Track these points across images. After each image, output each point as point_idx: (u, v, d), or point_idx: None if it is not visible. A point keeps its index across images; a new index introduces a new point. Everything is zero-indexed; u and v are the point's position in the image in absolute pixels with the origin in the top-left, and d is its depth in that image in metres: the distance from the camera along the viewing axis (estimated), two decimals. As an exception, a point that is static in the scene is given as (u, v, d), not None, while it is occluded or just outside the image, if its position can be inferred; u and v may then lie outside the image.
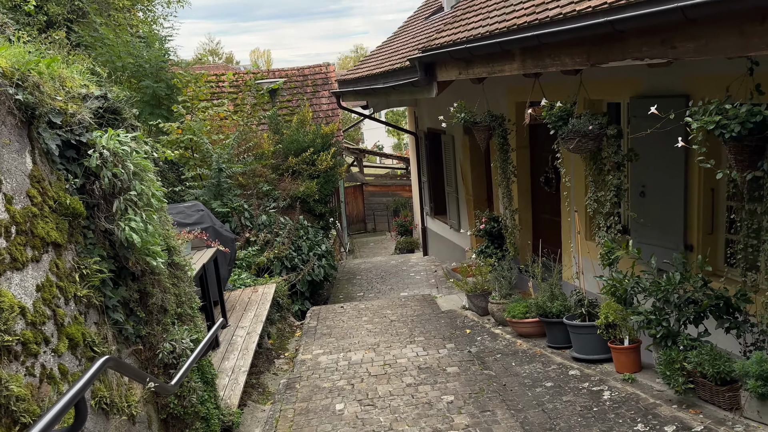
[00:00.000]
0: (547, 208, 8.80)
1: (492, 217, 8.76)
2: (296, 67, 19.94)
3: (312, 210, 11.26)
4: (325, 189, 11.22)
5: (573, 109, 5.56)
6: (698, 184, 5.87)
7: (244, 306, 7.55)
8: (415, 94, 8.61)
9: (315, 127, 11.93)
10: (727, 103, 3.87)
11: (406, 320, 7.70)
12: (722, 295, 4.31)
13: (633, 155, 5.54)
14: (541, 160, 8.72)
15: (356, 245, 19.35)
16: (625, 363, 5.02)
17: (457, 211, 11.43)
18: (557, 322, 5.89)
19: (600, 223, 5.82)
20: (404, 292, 10.40)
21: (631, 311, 4.66)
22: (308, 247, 9.90)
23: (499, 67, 6.17)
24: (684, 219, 6.04)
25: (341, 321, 8.00)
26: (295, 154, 11.46)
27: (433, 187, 12.81)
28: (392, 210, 20.20)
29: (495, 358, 5.99)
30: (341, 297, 10.58)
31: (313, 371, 6.17)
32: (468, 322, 7.39)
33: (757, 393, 3.67)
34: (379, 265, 13.10)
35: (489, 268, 7.67)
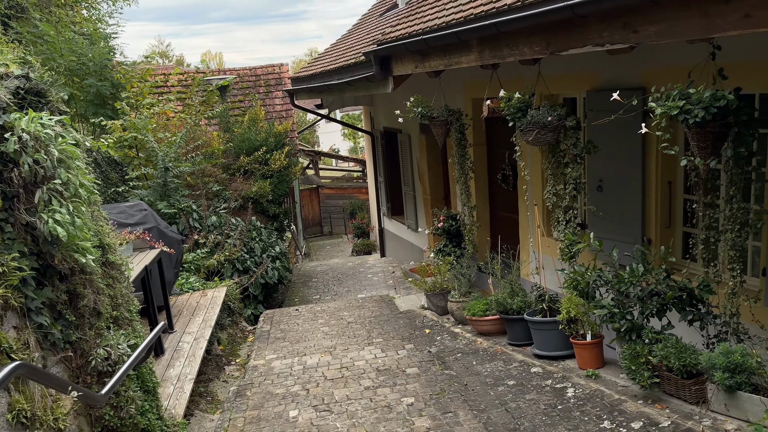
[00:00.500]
0: (504, 205, 8.72)
1: (450, 215, 8.62)
2: (248, 67, 19.49)
3: (265, 211, 10.91)
4: (278, 189, 10.89)
5: (531, 101, 5.45)
6: (655, 178, 5.85)
7: (192, 311, 7.17)
8: (371, 89, 8.40)
9: (268, 125, 11.59)
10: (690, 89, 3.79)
11: (363, 322, 7.46)
12: (686, 287, 4.23)
13: (591, 147, 5.46)
14: (498, 157, 8.64)
15: (312, 248, 19.01)
16: (587, 359, 4.91)
17: (415, 211, 11.27)
18: (518, 318, 5.75)
19: (559, 217, 5.72)
20: (362, 294, 10.16)
21: (593, 305, 4.54)
22: (261, 248, 9.56)
23: (456, 58, 6.02)
24: (642, 213, 6.01)
25: (296, 324, 7.70)
26: (247, 153, 11.09)
27: (389, 187, 12.63)
28: (349, 212, 19.94)
29: (455, 357, 5.81)
30: (297, 300, 10.26)
31: (265, 377, 5.85)
32: (427, 322, 7.20)
33: (725, 385, 3.58)
34: (335, 267, 12.83)
35: (448, 266, 7.51)
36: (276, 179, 10.96)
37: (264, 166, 11.08)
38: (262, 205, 10.78)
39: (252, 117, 11.75)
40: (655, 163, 5.81)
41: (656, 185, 5.83)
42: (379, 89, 8.12)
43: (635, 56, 5.73)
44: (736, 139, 3.80)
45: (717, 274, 4.31)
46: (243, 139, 11.17)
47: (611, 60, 6.02)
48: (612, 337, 4.99)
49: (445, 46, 6.05)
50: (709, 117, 3.64)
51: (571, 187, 5.51)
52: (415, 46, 6.45)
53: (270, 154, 11.08)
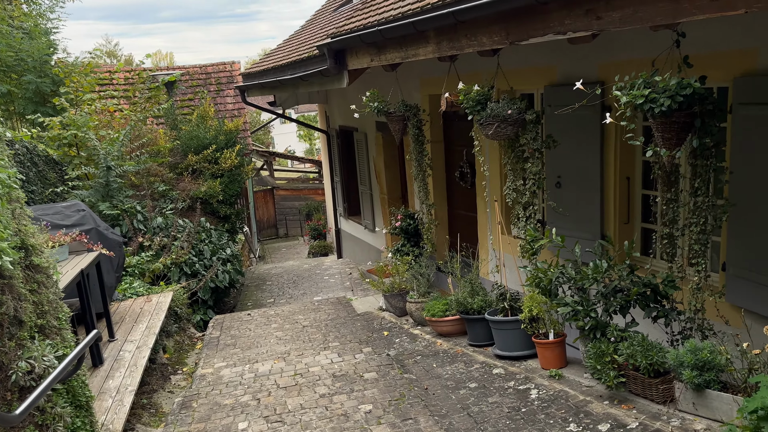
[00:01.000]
0: (462, 203, 8.57)
1: (408, 214, 8.43)
2: (199, 65, 18.89)
3: (215, 212, 10.49)
4: (229, 189, 10.48)
5: (491, 94, 5.29)
6: (614, 173, 5.78)
7: (135, 317, 6.75)
8: (325, 84, 8.13)
9: (218, 123, 11.17)
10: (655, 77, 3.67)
11: (319, 325, 7.18)
12: (650, 283, 4.12)
13: (551, 142, 5.34)
14: (456, 155, 8.49)
15: (267, 251, 18.56)
16: (550, 358, 4.77)
17: (372, 211, 11.05)
18: (479, 318, 5.58)
19: (519, 214, 5.58)
20: (318, 296, 9.86)
21: (556, 303, 4.40)
22: (211, 251, 9.15)
23: (413, 50, 5.82)
24: (600, 209, 5.93)
25: (248, 330, 7.36)
26: (196, 152, 10.65)
27: (346, 187, 12.37)
28: (305, 214, 19.57)
29: (415, 360, 5.59)
30: (249, 304, 9.89)
31: (213, 387, 5.51)
32: (386, 324, 6.97)
33: (693, 384, 3.47)
34: (290, 269, 12.48)
35: (406, 266, 7.30)
36: (227, 179, 10.55)
37: (214, 165, 10.66)
38: (212, 205, 10.36)
39: (201, 114, 11.30)
40: (613, 159, 5.74)
41: (615, 181, 5.76)
42: (333, 84, 7.86)
43: (593, 50, 5.65)
44: (701, 130, 3.70)
45: (681, 269, 4.22)
46: (191, 137, 10.72)
47: (569, 54, 5.93)
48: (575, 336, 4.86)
49: (402, 37, 5.85)
50: (675, 106, 3.53)
51: (531, 182, 5.37)
52: (371, 38, 6.22)
53: (220, 153, 10.67)
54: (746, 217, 3.94)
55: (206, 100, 11.50)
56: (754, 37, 4.13)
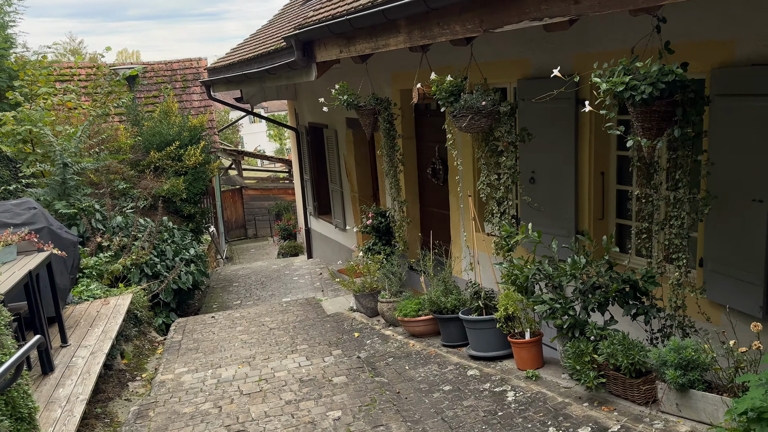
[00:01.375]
0: (435, 201, 8.39)
1: (379, 211, 8.21)
2: (164, 61, 18.43)
3: (179, 211, 10.12)
4: (194, 187, 10.12)
5: (464, 85, 5.10)
6: (588, 168, 5.65)
7: (90, 321, 6.39)
8: (293, 78, 7.86)
9: (181, 118, 10.79)
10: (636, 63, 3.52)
11: (287, 327, 6.91)
12: (629, 279, 3.97)
13: (526, 135, 5.18)
14: (428, 151, 8.31)
15: (235, 252, 18.15)
16: (526, 359, 4.60)
17: (342, 210, 10.80)
18: (452, 318, 5.39)
19: (493, 209, 5.41)
20: (286, 297, 9.57)
21: (533, 301, 4.22)
22: (173, 251, 8.79)
23: (383, 40, 5.60)
24: (575, 204, 5.80)
25: (211, 333, 7.04)
26: (158, 149, 10.26)
27: (316, 185, 12.09)
28: (274, 214, 19.20)
29: (387, 362, 5.37)
30: (215, 306, 9.54)
31: (172, 394, 5.21)
32: (356, 325, 6.73)
33: (677, 384, 3.31)
34: (259, 270, 12.15)
35: (377, 265, 7.08)
36: (191, 176, 10.19)
37: (177, 162, 10.29)
38: (175, 204, 9.99)
39: (164, 109, 10.91)
40: (588, 153, 5.61)
41: (589, 176, 5.63)
42: (302, 77, 7.60)
43: (568, 41, 5.52)
44: (682, 119, 3.56)
45: (660, 265, 4.09)
46: (153, 133, 10.33)
47: (542, 46, 5.79)
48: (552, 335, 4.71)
49: (372, 27, 5.63)
50: (656, 93, 3.37)
51: (506, 177, 5.20)
52: (340, 28, 5.98)
53: (184, 150, 10.30)
54: (723, 210, 3.81)
55: (170, 94, 11.10)
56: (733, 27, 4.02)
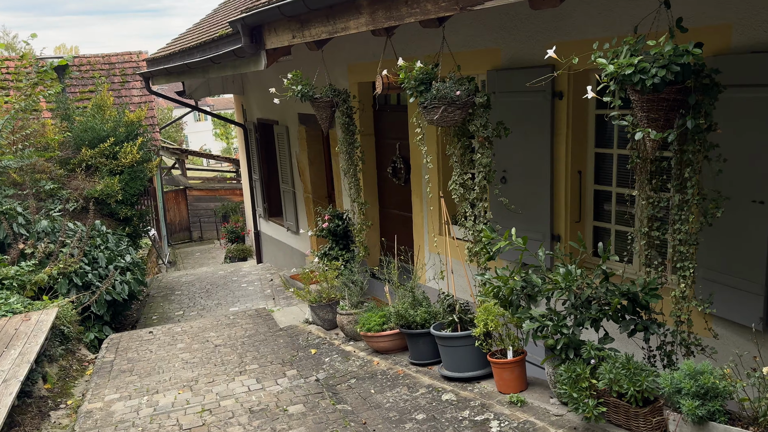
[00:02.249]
0: (395, 202, 7.84)
1: (336, 214, 7.59)
2: (101, 54, 17.29)
3: (114, 213, 9.22)
4: (131, 188, 9.24)
5: (436, 72, 4.55)
6: (565, 167, 5.22)
7: (6, 342, 5.54)
8: (240, 67, 7.15)
9: (117, 113, 9.87)
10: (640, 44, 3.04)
11: (235, 344, 6.20)
12: (629, 291, 3.50)
13: (503, 129, 4.67)
14: (388, 149, 7.75)
15: (179, 256, 17.14)
16: (509, 380, 4.08)
17: (295, 212, 10.12)
18: (422, 333, 4.82)
19: (466, 212, 4.88)
20: (234, 307, 8.83)
21: (519, 316, 3.70)
22: (107, 258, 7.93)
23: (342, 23, 4.99)
24: (550, 206, 5.36)
25: (149, 351, 6.26)
26: (91, 146, 9.34)
27: (266, 185, 11.36)
28: (221, 215, 18.27)
29: (349, 384, 4.76)
30: (155, 318, 8.71)
31: (100, 427, 4.45)
32: (313, 340, 6.09)
33: (695, 416, 2.84)
34: (204, 276, 11.31)
35: (335, 273, 6.46)
36: (127, 176, 9.31)
37: (112, 160, 9.39)
38: (109, 206, 9.10)
39: (97, 103, 9.96)
40: (564, 151, 5.17)
41: (566, 175, 5.19)
42: (249, 66, 6.90)
43: (542, 29, 5.07)
44: (695, 108, 3.10)
45: (661, 273, 3.64)
46: (85, 129, 9.40)
47: (515, 34, 5.32)
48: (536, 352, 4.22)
49: (329, 7, 5.02)
50: (670, 77, 2.90)
51: (481, 176, 4.68)
52: (292, 9, 5.35)
53: (119, 147, 9.41)
54: (725, 213, 3.39)
55: (104, 87, 10.15)
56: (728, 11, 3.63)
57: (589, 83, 5.18)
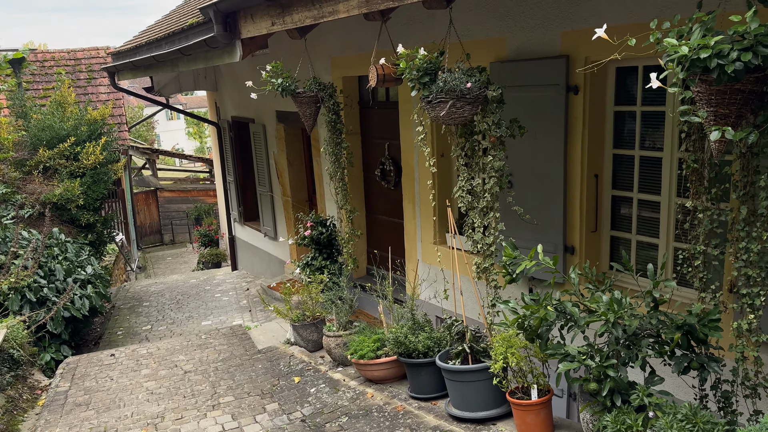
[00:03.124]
0: (384, 208, 7.16)
1: (319, 220, 6.88)
2: (66, 49, 16.27)
3: (75, 220, 8.36)
4: (93, 191, 8.40)
5: (441, 61, 3.88)
6: (580, 169, 4.61)
7: (-62, 374, 4.73)
8: (213, 59, 6.40)
9: (79, 110, 9.00)
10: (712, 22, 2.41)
11: (207, 369, 5.46)
12: (686, 323, 2.88)
13: (517, 128, 4.03)
14: (376, 150, 7.07)
15: (150, 261, 16.21)
16: (533, 426, 3.43)
17: (273, 216, 9.36)
18: (425, 363, 4.15)
19: (474, 222, 4.22)
20: (207, 321, 8.06)
21: (551, 353, 3.05)
22: (65, 270, 7.09)
23: (330, 6, 4.30)
24: (563, 214, 4.75)
25: (109, 379, 5.49)
26: (49, 146, 8.47)
27: (242, 188, 10.57)
28: (194, 218, 17.37)
29: (340, 424, 4.07)
30: (120, 333, 7.90)
31: (43, 486, 3.69)
32: (296, 365, 5.37)
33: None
34: (174, 285, 10.48)
35: (320, 286, 5.75)
36: (90, 179, 8.46)
37: (73, 161, 8.53)
38: (70, 212, 8.24)
39: (57, 100, 9.08)
40: (579, 152, 4.56)
41: (581, 179, 4.59)
42: (223, 58, 6.15)
43: (553, 16, 4.46)
44: (777, 102, 2.49)
45: (719, 300, 3.03)
46: (43, 128, 8.52)
47: (521, 22, 4.71)
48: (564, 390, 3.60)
49: (315, -13, 4.32)
50: (757, 62, 2.27)
51: (492, 181, 4.02)
52: (273, -10, 4.65)
53: (81, 147, 8.55)
54: None
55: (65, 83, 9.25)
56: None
57: (607, 77, 4.62)
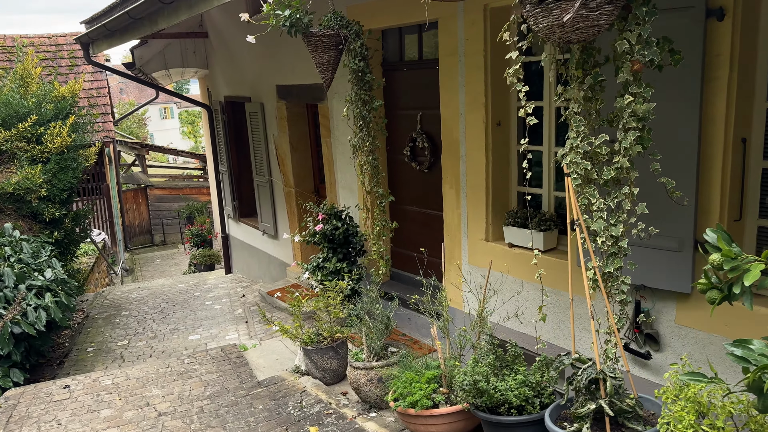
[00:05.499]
0: (413, 195, 5.57)
1: (333, 212, 5.30)
2: (47, 34, 14.62)
3: (37, 214, 6.72)
4: (59, 180, 6.76)
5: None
6: (724, 131, 3.06)
7: None
8: (197, 5, 4.80)
9: (43, 86, 7.35)
10: None
11: (188, 411, 3.85)
12: None
13: (671, 52, 2.47)
14: (403, 123, 5.48)
15: (138, 263, 14.53)
16: None
17: (273, 211, 7.76)
18: (523, 423, 2.58)
19: (593, 203, 2.66)
20: (195, 335, 6.47)
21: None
22: (17, 275, 5.47)
23: None
24: (695, 194, 3.19)
25: (55, 425, 3.86)
26: (6, 125, 6.83)
27: (236, 179, 8.96)
28: (185, 217, 15.70)
29: None
30: (91, 351, 6.29)
31: None
32: (310, 406, 3.78)
33: None
34: (160, 291, 8.86)
35: (339, 297, 4.17)
36: (55, 165, 6.81)
37: (35, 145, 6.89)
38: (30, 205, 6.60)
39: (19, 74, 7.43)
40: (723, 106, 3.02)
41: (724, 145, 3.04)
42: (212, 2, 4.56)
43: None
44: None
45: None
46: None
47: None
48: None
49: None
50: None
51: (632, 137, 2.46)
52: None
53: (45, 127, 6.92)
54: None
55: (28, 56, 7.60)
56: None
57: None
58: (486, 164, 4.39)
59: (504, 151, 4.46)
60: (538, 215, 4.19)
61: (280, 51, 6.89)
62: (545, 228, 4.14)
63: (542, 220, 4.16)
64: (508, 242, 4.35)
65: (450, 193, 4.75)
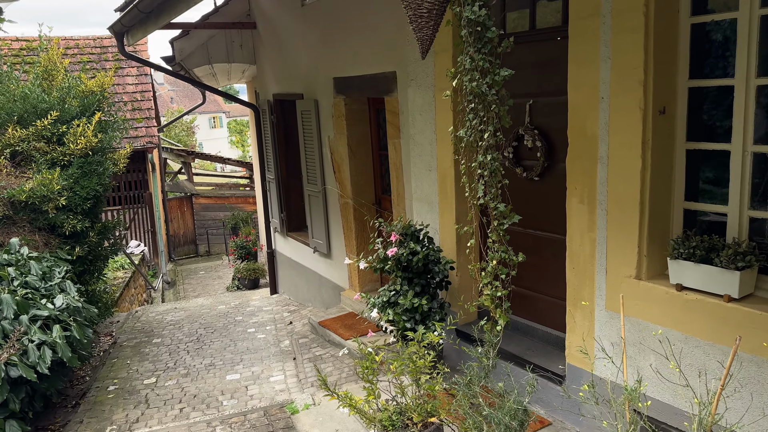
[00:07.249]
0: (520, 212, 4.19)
1: (410, 231, 3.96)
2: (92, 36, 13.91)
3: (55, 226, 5.60)
4: (83, 188, 5.65)
5: None
6: None
7: None
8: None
9: (69, 80, 6.28)
10: None
11: None
12: None
13: None
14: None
15: (181, 275, 13.54)
16: None
17: (326, 225, 6.48)
18: None
19: None
20: (234, 374, 5.23)
21: None
22: (18, 304, 4.31)
23: None
24: None
25: None
26: (24, 123, 5.77)
27: (284, 187, 7.74)
28: (230, 227, 14.66)
29: None
30: (112, 391, 5.12)
31: None
32: None
33: None
34: (198, 313, 7.69)
35: (429, 357, 2.82)
36: (77, 170, 5.70)
37: (56, 146, 5.81)
38: (46, 215, 5.49)
39: (45, 67, 6.39)
40: None
41: None
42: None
43: None
44: None
45: None
46: (14, 98, 5.83)
47: None
48: None
49: None
50: None
51: None
52: None
53: (67, 125, 5.83)
54: None
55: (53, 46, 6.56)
56: None
57: None
58: (643, 169, 2.97)
59: (668, 151, 3.04)
60: (733, 246, 2.75)
61: (339, 36, 5.64)
62: (743, 265, 2.69)
63: (737, 253, 2.72)
64: (676, 282, 2.91)
65: (579, 210, 3.34)
